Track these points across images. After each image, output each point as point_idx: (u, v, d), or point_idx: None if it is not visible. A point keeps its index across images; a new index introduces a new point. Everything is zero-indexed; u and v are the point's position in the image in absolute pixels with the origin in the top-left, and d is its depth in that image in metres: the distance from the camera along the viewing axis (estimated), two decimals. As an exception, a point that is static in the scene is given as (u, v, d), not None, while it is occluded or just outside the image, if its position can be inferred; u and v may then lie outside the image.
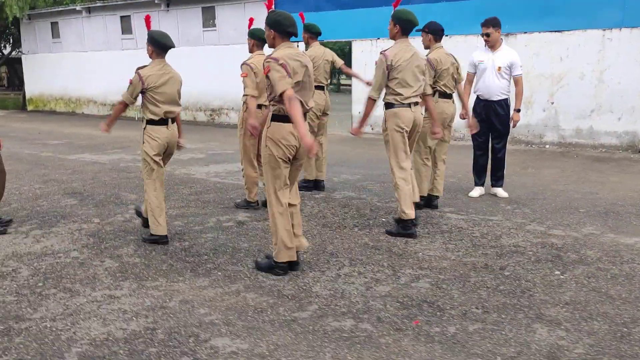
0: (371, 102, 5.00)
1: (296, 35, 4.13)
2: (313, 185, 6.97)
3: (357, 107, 13.25)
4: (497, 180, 6.65)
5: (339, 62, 6.95)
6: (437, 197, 6.15)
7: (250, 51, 5.87)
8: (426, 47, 6.01)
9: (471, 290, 3.85)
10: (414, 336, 3.20)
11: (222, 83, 15.44)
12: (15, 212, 6.06)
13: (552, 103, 10.49)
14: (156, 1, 16.78)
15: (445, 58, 5.84)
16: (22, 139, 12.87)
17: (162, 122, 4.81)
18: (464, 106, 6.67)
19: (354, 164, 8.93)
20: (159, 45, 4.76)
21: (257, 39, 5.83)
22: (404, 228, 5.08)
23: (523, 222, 5.50)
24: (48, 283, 4.06)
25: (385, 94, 5.05)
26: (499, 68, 6.32)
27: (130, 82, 4.72)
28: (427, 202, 6.11)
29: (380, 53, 5.01)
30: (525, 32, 10.73)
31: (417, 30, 5.75)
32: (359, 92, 13.21)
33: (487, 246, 4.79)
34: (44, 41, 21.26)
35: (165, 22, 16.82)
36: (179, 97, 4.93)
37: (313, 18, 14.34)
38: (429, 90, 5.36)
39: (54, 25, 20.80)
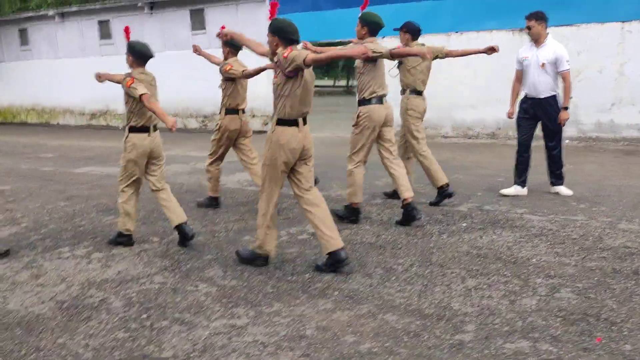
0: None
1: (298, 42, 4.14)
2: None
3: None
4: (557, 179, 6.43)
5: None
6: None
7: (225, 58, 6.11)
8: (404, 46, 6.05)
9: (626, 299, 3.58)
10: (610, 357, 2.89)
11: (214, 88, 14.82)
12: (58, 233, 5.52)
13: (571, 97, 10.38)
14: (139, 5, 16.10)
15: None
16: (8, 153, 12.09)
17: (146, 129, 4.82)
18: (511, 104, 6.47)
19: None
20: (140, 55, 4.80)
21: (230, 47, 6.05)
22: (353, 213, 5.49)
23: (611, 221, 5.28)
24: (153, 314, 3.60)
25: (362, 90, 5.28)
26: (543, 64, 6.08)
27: (131, 84, 4.63)
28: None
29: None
30: (540, 27, 10.60)
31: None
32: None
33: (597, 249, 4.54)
34: (11, 49, 20.20)
35: (148, 26, 16.16)
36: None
37: (312, 18, 14.05)
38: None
39: (22, 32, 19.76)
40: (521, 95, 6.46)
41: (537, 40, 6.19)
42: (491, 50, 5.97)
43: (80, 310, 3.69)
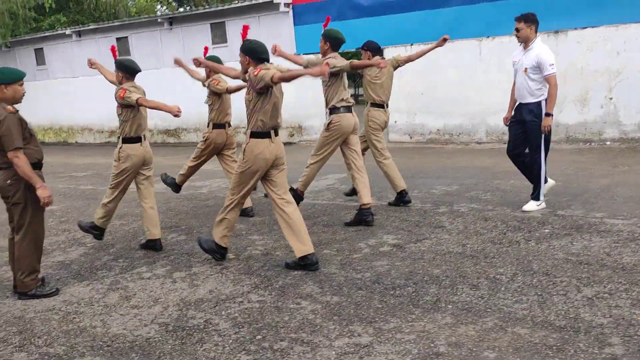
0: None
1: (268, 61, 4.49)
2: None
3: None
4: (532, 191, 6.01)
5: None
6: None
7: (208, 76, 6.58)
8: None
9: None
10: None
11: (236, 101, 14.72)
12: (128, 253, 5.38)
13: (611, 99, 10.29)
14: (159, 20, 16.04)
15: (381, 71, 6.33)
16: (38, 173, 11.92)
17: (138, 139, 5.23)
18: (509, 110, 6.27)
19: (434, 174, 8.44)
20: (128, 70, 5.22)
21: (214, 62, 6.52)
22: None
23: (700, 223, 5.12)
24: (267, 335, 3.44)
25: (332, 99, 5.72)
26: (525, 69, 5.78)
27: (124, 94, 5.07)
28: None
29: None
30: (576, 29, 10.52)
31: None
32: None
33: (702, 251, 4.38)
34: (27, 69, 19.99)
35: (168, 41, 16.09)
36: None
37: (337, 27, 13.91)
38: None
39: (38, 52, 19.72)
40: None
41: (524, 44, 5.91)
42: (443, 40, 6.49)
43: (189, 333, 3.53)
